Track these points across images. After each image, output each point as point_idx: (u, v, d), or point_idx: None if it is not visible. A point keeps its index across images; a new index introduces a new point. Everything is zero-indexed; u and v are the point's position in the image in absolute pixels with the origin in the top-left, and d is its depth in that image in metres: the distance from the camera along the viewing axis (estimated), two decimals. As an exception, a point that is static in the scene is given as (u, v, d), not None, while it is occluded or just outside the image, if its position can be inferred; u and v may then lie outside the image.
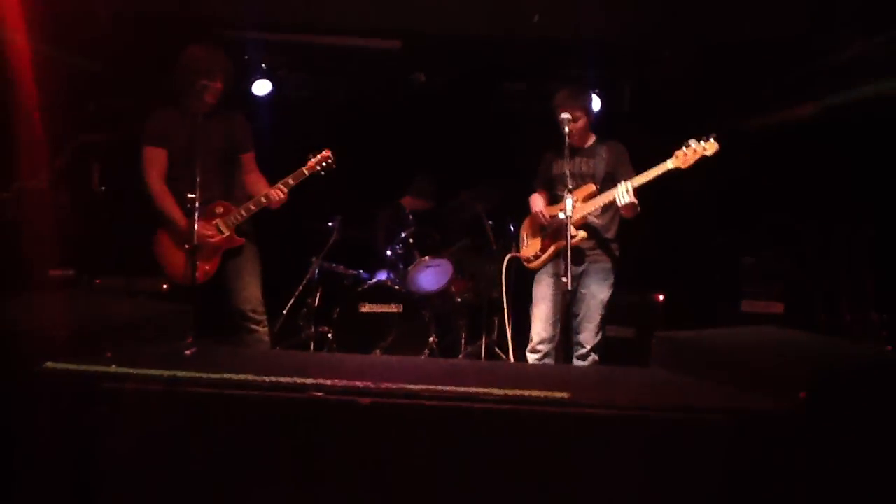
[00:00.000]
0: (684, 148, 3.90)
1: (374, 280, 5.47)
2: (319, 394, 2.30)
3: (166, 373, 2.39)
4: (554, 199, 4.40)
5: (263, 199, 4.06)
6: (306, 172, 4.15)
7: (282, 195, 4.08)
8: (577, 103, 4.24)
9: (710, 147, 3.87)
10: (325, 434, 2.30)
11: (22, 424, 2.38)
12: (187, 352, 2.67)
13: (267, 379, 2.34)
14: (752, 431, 2.24)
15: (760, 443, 2.24)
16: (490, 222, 5.73)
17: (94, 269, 5.79)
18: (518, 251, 4.68)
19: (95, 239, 6.08)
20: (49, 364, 2.40)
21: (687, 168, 3.90)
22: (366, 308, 5.32)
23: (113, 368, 2.41)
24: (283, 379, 2.35)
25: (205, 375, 2.37)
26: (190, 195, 3.57)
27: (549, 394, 2.33)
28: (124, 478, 2.33)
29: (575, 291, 4.12)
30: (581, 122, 4.26)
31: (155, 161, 4.05)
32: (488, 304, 5.71)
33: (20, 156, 5.61)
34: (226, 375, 2.38)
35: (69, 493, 2.32)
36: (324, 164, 4.18)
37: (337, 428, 2.29)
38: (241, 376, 2.37)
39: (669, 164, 3.93)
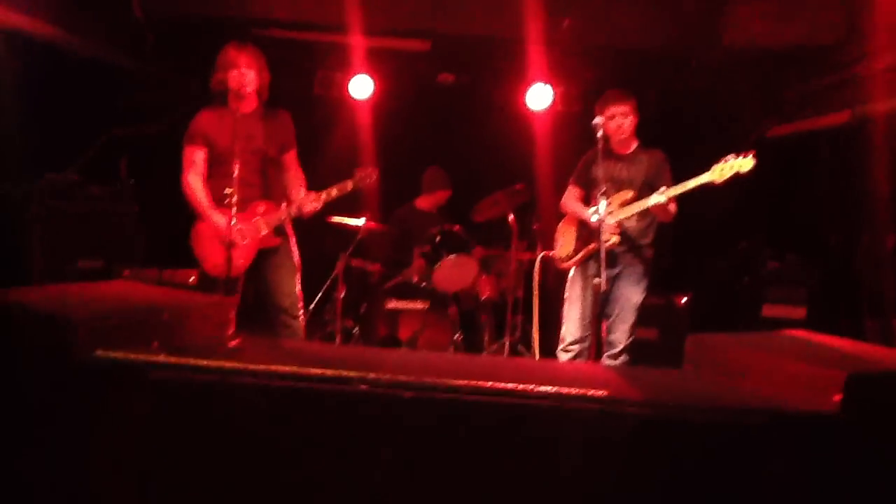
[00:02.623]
0: (722, 162, 3.91)
1: (399, 277, 5.52)
2: (364, 386, 2.35)
3: (214, 363, 2.45)
4: (590, 201, 4.44)
5: (297, 211, 4.10)
6: (350, 187, 4.19)
7: (318, 206, 4.13)
8: (628, 99, 4.29)
9: (746, 164, 3.86)
10: (368, 427, 2.35)
11: (72, 412, 2.44)
12: (231, 343, 2.72)
13: (313, 371, 2.40)
14: (788, 433, 2.27)
15: (797, 445, 2.27)
16: (516, 222, 5.76)
17: (121, 260, 5.87)
18: (551, 250, 4.72)
19: (123, 230, 6.17)
20: (99, 352, 2.46)
21: (721, 183, 3.92)
22: (392, 304, 5.38)
23: (162, 358, 2.46)
24: (328, 371, 2.40)
25: (251, 366, 2.43)
26: (227, 190, 3.63)
27: (587, 391, 2.37)
28: (172, 466, 2.39)
29: (608, 293, 4.16)
30: (627, 123, 4.29)
31: (193, 161, 4.10)
32: (513, 302, 5.75)
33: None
34: (272, 367, 2.43)
35: (119, 480, 2.38)
36: (367, 180, 4.22)
37: (380, 420, 2.35)
38: (287, 368, 2.43)
39: (706, 178, 3.95)
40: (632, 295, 4.29)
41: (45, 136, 5.68)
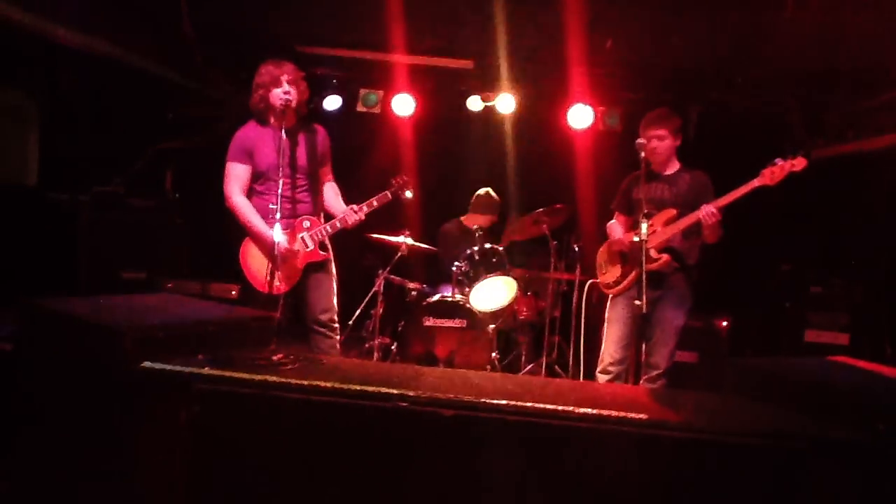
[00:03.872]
0: (770, 166, 3.89)
1: (438, 295, 5.54)
2: (404, 404, 2.36)
3: (257, 377, 2.48)
4: (634, 224, 4.41)
5: (349, 221, 4.15)
6: (390, 196, 4.25)
7: (362, 217, 4.19)
8: (663, 124, 4.28)
9: (798, 163, 3.85)
10: (407, 443, 2.37)
11: (119, 421, 2.49)
12: (275, 357, 2.75)
13: (354, 387, 2.42)
14: (831, 461, 2.24)
15: (838, 471, 2.24)
16: (555, 242, 5.76)
17: (164, 272, 5.97)
18: (595, 277, 4.72)
19: (168, 243, 6.28)
20: (146, 364, 2.51)
21: (775, 185, 3.89)
22: (429, 322, 5.39)
23: (206, 370, 2.51)
24: (369, 388, 2.43)
25: (294, 381, 2.46)
26: (272, 205, 3.68)
27: (626, 414, 2.36)
28: (214, 476, 2.43)
29: (650, 315, 4.13)
30: (666, 143, 4.28)
31: (237, 176, 4.14)
32: (550, 323, 5.74)
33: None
34: (314, 382, 2.46)
35: (163, 488, 2.42)
36: (404, 189, 4.28)
37: (419, 438, 2.36)
38: (329, 384, 2.45)
39: (756, 183, 3.93)
40: (674, 318, 4.24)
41: (93, 148, 5.82)
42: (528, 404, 2.37)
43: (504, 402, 2.37)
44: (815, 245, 6.39)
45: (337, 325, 4.30)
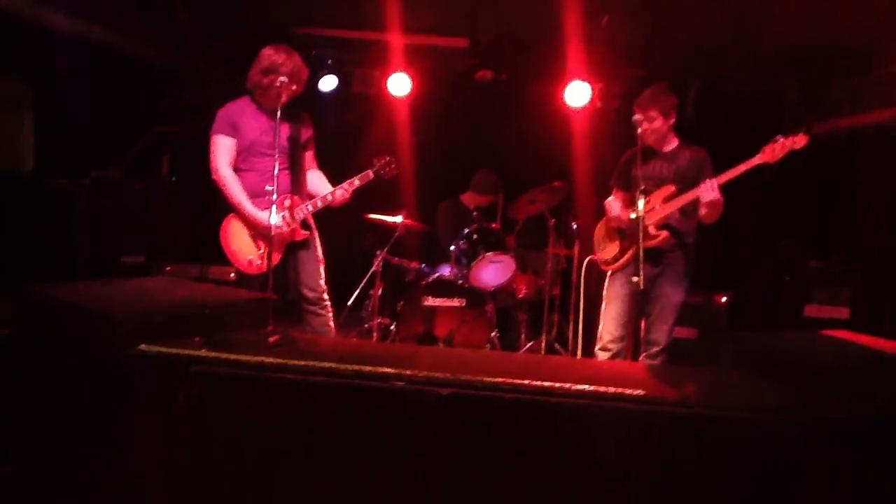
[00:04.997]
0: (771, 143, 3.86)
1: (436, 274, 5.54)
2: (401, 383, 2.37)
3: (253, 358, 2.48)
4: (633, 200, 4.37)
5: (329, 197, 4.16)
6: (371, 175, 4.24)
7: (346, 196, 4.19)
8: (652, 105, 4.24)
9: (799, 140, 3.81)
10: (404, 423, 2.37)
11: (118, 403, 2.50)
12: (271, 339, 2.76)
13: (350, 368, 2.42)
14: (829, 435, 2.24)
15: (838, 447, 2.24)
16: (553, 220, 5.75)
17: (164, 256, 5.97)
18: (593, 253, 4.70)
19: (166, 227, 6.28)
20: (143, 347, 2.52)
21: (775, 163, 3.86)
22: (428, 301, 5.39)
23: (203, 353, 2.51)
24: (365, 368, 2.43)
25: (290, 362, 2.46)
26: (268, 187, 3.67)
27: (624, 390, 2.36)
28: (211, 457, 2.43)
29: (649, 292, 4.12)
30: (656, 124, 4.24)
31: (224, 149, 4.13)
32: (549, 300, 5.74)
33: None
34: (310, 363, 2.46)
35: (161, 470, 2.43)
36: (386, 168, 4.26)
37: (416, 417, 2.36)
38: (326, 364, 2.45)
39: (756, 160, 3.90)
40: (672, 294, 4.24)
41: (90, 133, 5.80)
42: (525, 382, 2.37)
43: (501, 380, 2.37)
44: (814, 219, 6.37)
45: (327, 301, 4.32)
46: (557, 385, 2.37)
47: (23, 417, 2.68)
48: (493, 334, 5.38)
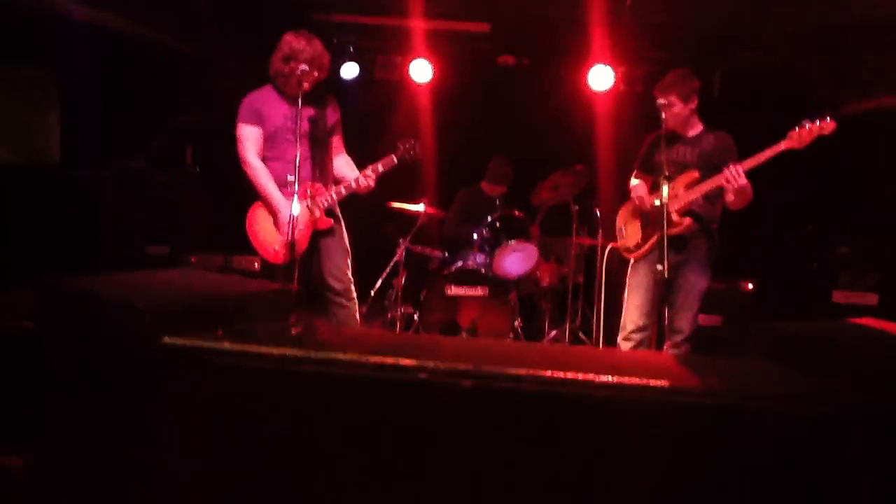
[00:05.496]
0: (798, 128, 3.78)
1: (459, 263, 5.52)
2: (424, 375, 2.35)
3: (275, 350, 2.47)
4: (656, 186, 4.32)
5: (354, 185, 4.15)
6: (395, 160, 4.20)
7: (371, 183, 4.16)
8: (672, 90, 4.17)
9: (827, 126, 3.73)
10: (427, 415, 2.35)
11: (140, 396, 2.50)
12: (294, 330, 2.75)
13: (373, 359, 2.41)
14: (861, 425, 2.20)
15: (870, 437, 2.20)
16: (576, 207, 5.71)
17: (189, 246, 6.00)
18: (615, 241, 4.65)
19: (190, 217, 6.30)
20: (166, 339, 2.52)
21: (803, 148, 3.79)
22: (452, 291, 5.39)
23: (225, 345, 2.50)
24: (388, 359, 2.41)
25: (313, 354, 2.45)
26: (290, 177, 3.66)
27: (648, 381, 2.33)
28: (235, 451, 2.44)
29: (673, 280, 4.06)
30: (676, 109, 4.17)
31: (250, 138, 4.14)
32: (573, 288, 5.71)
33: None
34: (332, 355, 2.45)
35: (183, 464, 2.44)
36: (411, 152, 4.23)
37: (439, 409, 2.35)
38: (347, 356, 2.44)
39: (783, 145, 3.82)
40: (696, 282, 4.18)
41: (113, 123, 5.83)
42: (548, 373, 2.34)
43: (523, 371, 2.35)
44: (841, 203, 6.26)
45: (352, 291, 4.30)
46: (580, 376, 2.34)
47: (48, 411, 2.70)
48: (516, 323, 5.36)
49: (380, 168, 4.18)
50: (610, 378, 2.33)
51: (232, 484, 2.42)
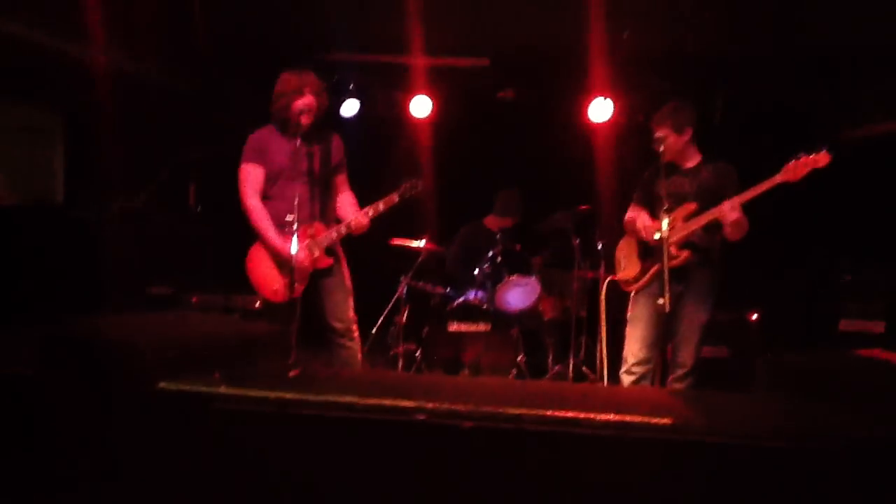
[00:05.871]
0: (793, 161, 3.78)
1: (461, 299, 5.49)
2: (422, 416, 2.32)
3: (273, 394, 2.45)
4: (654, 217, 4.29)
5: (344, 228, 4.12)
6: (397, 198, 4.20)
7: (364, 221, 4.14)
8: (664, 121, 4.17)
9: (821, 159, 3.73)
10: (426, 457, 2.32)
11: (138, 440, 2.48)
12: (291, 373, 2.73)
13: (371, 402, 2.39)
14: (870, 460, 2.16)
15: (875, 472, 2.16)
16: (577, 240, 5.69)
17: (191, 286, 5.98)
18: (615, 273, 4.62)
19: (192, 257, 6.30)
20: (164, 384, 2.50)
21: (797, 181, 3.78)
22: (454, 327, 5.35)
23: (223, 389, 2.48)
24: (386, 401, 2.39)
25: (311, 398, 2.43)
26: (289, 216, 3.65)
27: (650, 420, 2.30)
28: (232, 494, 2.40)
29: (673, 312, 4.01)
30: (669, 141, 4.17)
31: (252, 178, 4.13)
32: (576, 322, 5.67)
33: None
34: (330, 398, 2.43)
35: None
36: (413, 191, 4.22)
37: (438, 451, 2.32)
38: (346, 398, 2.42)
39: (778, 178, 3.82)
40: (698, 314, 4.13)
41: (119, 162, 5.86)
42: (548, 412, 2.31)
43: (523, 410, 2.32)
44: (845, 232, 6.23)
45: (355, 332, 4.24)
46: (582, 415, 2.31)
47: (44, 455, 2.68)
48: (519, 358, 5.32)
49: (380, 207, 4.16)
50: (612, 416, 2.30)
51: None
